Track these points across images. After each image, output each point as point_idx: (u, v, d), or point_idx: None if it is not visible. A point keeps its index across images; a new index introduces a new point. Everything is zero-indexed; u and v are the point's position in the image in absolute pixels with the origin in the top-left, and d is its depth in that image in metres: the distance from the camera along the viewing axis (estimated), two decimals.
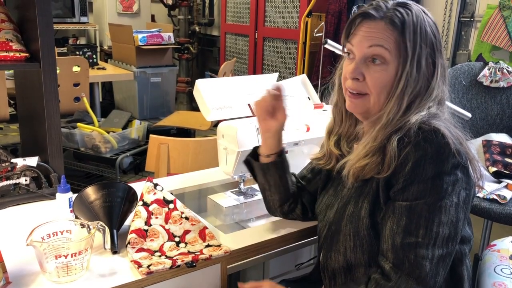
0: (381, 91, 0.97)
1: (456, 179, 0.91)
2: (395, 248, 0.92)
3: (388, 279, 0.92)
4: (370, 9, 0.98)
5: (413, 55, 0.95)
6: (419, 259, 0.90)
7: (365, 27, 0.98)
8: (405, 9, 0.97)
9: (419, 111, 0.95)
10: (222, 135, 1.37)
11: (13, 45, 1.52)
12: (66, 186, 1.21)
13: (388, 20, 0.96)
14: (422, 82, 0.97)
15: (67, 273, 0.96)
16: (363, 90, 0.99)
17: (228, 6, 4.74)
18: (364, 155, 0.97)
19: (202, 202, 1.53)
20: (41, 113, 1.53)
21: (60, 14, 4.91)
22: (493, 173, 1.79)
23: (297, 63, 3.78)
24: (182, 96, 5.29)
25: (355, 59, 0.99)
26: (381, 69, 0.96)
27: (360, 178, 0.99)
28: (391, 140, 0.93)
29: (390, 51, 0.95)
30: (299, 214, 1.25)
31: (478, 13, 3.23)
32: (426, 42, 0.96)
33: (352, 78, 0.99)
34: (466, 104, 2.11)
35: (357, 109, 1.03)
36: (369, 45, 0.97)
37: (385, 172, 0.93)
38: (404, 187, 0.92)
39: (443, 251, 0.91)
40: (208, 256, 1.08)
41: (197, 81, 1.39)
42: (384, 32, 0.96)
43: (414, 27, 0.95)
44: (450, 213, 0.90)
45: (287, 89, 1.52)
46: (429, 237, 0.90)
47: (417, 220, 0.90)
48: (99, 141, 3.04)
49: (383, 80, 0.97)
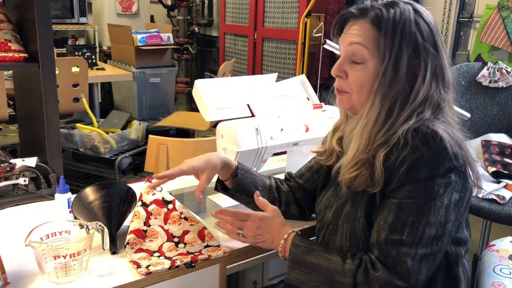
0: (360, 89, 0.98)
1: (449, 182, 0.91)
2: (379, 244, 0.93)
3: (374, 267, 0.92)
4: (355, 8, 1.00)
5: (390, 54, 0.94)
6: (401, 256, 0.90)
7: (348, 26, 1.00)
8: (390, 7, 0.96)
9: (406, 119, 0.93)
10: (221, 136, 1.37)
11: (12, 46, 1.52)
12: (65, 186, 1.21)
13: (369, 18, 0.96)
14: (401, 83, 0.94)
15: (66, 273, 0.96)
16: (345, 88, 1.01)
17: (227, 6, 4.74)
18: (353, 164, 0.97)
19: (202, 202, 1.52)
20: (40, 113, 1.53)
21: (59, 14, 4.91)
22: (492, 173, 1.79)
23: (296, 63, 3.78)
24: (181, 96, 5.29)
25: (341, 57, 1.02)
26: (361, 67, 0.97)
27: (353, 189, 0.99)
28: (377, 155, 0.94)
29: (368, 49, 0.96)
30: (295, 214, 1.25)
31: (477, 13, 3.23)
32: (407, 42, 0.94)
33: (335, 75, 1.02)
34: (465, 104, 2.11)
35: (343, 105, 1.05)
36: (349, 43, 0.98)
37: (376, 187, 0.94)
38: (397, 187, 0.93)
39: (427, 250, 0.91)
40: (207, 256, 1.07)
41: (196, 81, 1.39)
42: (363, 30, 0.97)
43: (393, 25, 0.94)
44: (439, 214, 0.91)
45: (286, 89, 1.53)
46: (413, 236, 0.90)
47: (404, 218, 0.91)
48: (98, 142, 3.03)
49: (362, 78, 0.97)
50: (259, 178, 1.23)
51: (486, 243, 1.97)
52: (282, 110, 1.46)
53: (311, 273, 0.97)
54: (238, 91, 1.43)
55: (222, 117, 1.38)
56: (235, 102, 1.41)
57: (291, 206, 1.25)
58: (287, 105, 1.49)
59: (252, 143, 1.32)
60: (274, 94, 1.49)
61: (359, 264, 0.94)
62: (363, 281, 0.92)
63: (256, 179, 1.21)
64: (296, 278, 0.99)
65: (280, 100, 1.50)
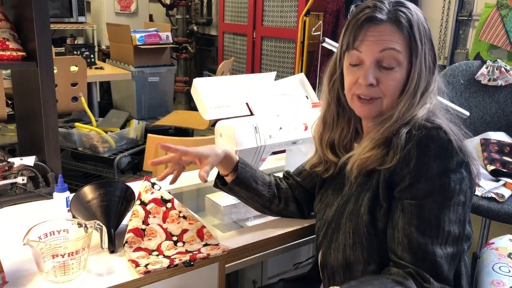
0: (394, 92, 0.98)
1: (462, 177, 0.91)
2: (412, 249, 0.90)
3: (428, 281, 0.88)
4: (372, 13, 0.96)
5: (422, 52, 0.97)
6: (438, 259, 0.89)
7: (372, 31, 0.97)
8: (405, 8, 0.98)
9: (424, 103, 0.97)
10: (220, 134, 1.36)
11: (10, 44, 1.52)
12: (63, 185, 1.21)
13: (394, 21, 0.96)
14: (428, 76, 0.99)
15: (64, 272, 0.95)
16: (377, 95, 0.99)
17: (226, 5, 4.73)
18: (371, 148, 0.97)
19: (200, 201, 1.52)
20: (38, 112, 1.53)
21: (58, 14, 4.90)
22: (491, 172, 1.79)
23: (295, 62, 3.77)
24: (180, 95, 5.29)
25: (365, 65, 0.98)
26: (395, 71, 0.97)
27: (363, 170, 0.98)
28: (400, 133, 0.93)
29: (401, 52, 0.96)
30: (294, 212, 1.25)
31: (476, 12, 3.23)
32: (427, 37, 0.99)
33: (367, 84, 0.98)
34: (464, 103, 2.11)
35: (371, 114, 1.02)
36: (381, 50, 0.96)
37: (388, 163, 0.93)
38: (410, 185, 0.91)
39: (454, 250, 0.91)
40: (206, 255, 1.07)
41: (195, 80, 1.39)
42: (393, 34, 0.96)
43: (418, 25, 0.97)
44: (458, 212, 0.90)
45: (285, 88, 1.52)
46: (442, 236, 0.89)
47: (428, 219, 0.90)
48: (97, 141, 3.03)
49: (397, 82, 0.97)
50: (259, 173, 1.23)
51: (485, 241, 1.97)
52: (281, 108, 1.45)
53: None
54: (237, 90, 1.43)
55: (221, 116, 1.38)
56: (233, 100, 1.40)
57: (290, 203, 1.25)
58: (286, 103, 1.49)
59: (251, 141, 1.32)
60: (273, 92, 1.49)
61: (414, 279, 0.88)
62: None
63: (256, 174, 1.21)
64: None
65: (279, 99, 1.49)
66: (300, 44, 3.66)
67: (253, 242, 1.16)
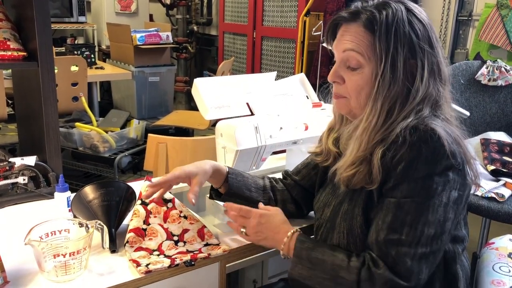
0: (358, 94, 0.98)
1: (447, 180, 0.91)
2: (378, 244, 0.93)
3: (377, 265, 0.91)
4: (345, 12, 0.98)
5: (386, 56, 0.93)
6: (401, 256, 0.90)
7: (342, 31, 0.99)
8: (382, 9, 0.95)
9: (404, 117, 0.93)
10: (220, 134, 1.37)
11: (11, 44, 1.52)
12: (64, 185, 1.21)
13: (362, 22, 0.96)
14: (399, 84, 0.94)
15: (66, 272, 0.96)
16: (343, 93, 1.01)
17: (226, 5, 4.73)
18: (351, 163, 0.97)
19: (201, 201, 1.52)
20: (39, 112, 1.53)
21: (58, 13, 4.90)
22: (491, 172, 1.79)
23: (295, 62, 3.78)
24: (180, 95, 5.29)
25: (336, 62, 1.01)
26: (357, 73, 0.97)
27: (350, 187, 0.99)
28: (375, 152, 0.93)
29: (362, 54, 0.95)
30: (293, 212, 1.25)
31: (476, 12, 3.23)
32: (402, 42, 0.93)
33: (331, 81, 1.02)
34: (464, 103, 2.11)
35: (341, 110, 1.04)
36: (343, 50, 0.98)
37: (375, 184, 0.94)
38: (395, 185, 0.92)
39: (427, 249, 0.91)
40: (206, 255, 1.08)
41: (196, 80, 1.39)
42: (357, 35, 0.96)
43: (387, 27, 0.93)
44: (438, 212, 0.90)
45: (285, 88, 1.52)
46: (412, 236, 0.90)
47: (403, 218, 0.91)
48: (98, 141, 3.03)
49: (359, 83, 0.97)
50: (252, 179, 1.23)
51: (485, 241, 1.97)
52: (282, 108, 1.46)
53: (315, 268, 0.97)
54: (237, 90, 1.43)
55: (221, 116, 1.38)
56: (234, 100, 1.41)
57: (288, 204, 1.25)
58: (286, 103, 1.49)
59: (252, 141, 1.32)
60: (273, 92, 1.49)
61: (363, 261, 0.94)
62: (367, 278, 0.91)
63: (248, 181, 1.21)
64: (300, 274, 0.99)
65: (279, 99, 1.49)
66: (300, 44, 3.66)
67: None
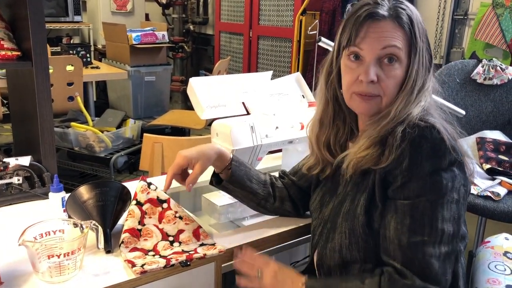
0: (393, 90, 0.98)
1: (454, 175, 0.91)
2: (402, 249, 0.91)
3: (403, 276, 0.89)
4: (373, 9, 0.96)
5: (420, 50, 0.97)
6: (428, 258, 0.89)
7: (373, 28, 0.96)
8: (404, 5, 0.98)
9: (419, 101, 0.97)
10: (216, 134, 1.36)
11: (5, 44, 1.51)
12: (59, 185, 1.20)
13: (395, 17, 0.96)
14: (425, 75, 0.99)
15: (60, 273, 0.95)
16: (377, 92, 0.98)
17: (222, 4, 4.73)
18: (367, 146, 0.96)
19: (197, 201, 1.52)
20: (33, 112, 1.52)
21: (54, 13, 4.89)
22: (487, 170, 1.80)
23: (292, 61, 3.78)
24: (176, 95, 5.28)
25: (366, 62, 0.97)
26: (395, 68, 0.97)
27: (359, 169, 0.98)
28: (395, 131, 0.93)
29: (402, 49, 0.96)
30: (290, 211, 1.25)
31: (471, 11, 3.24)
32: (424, 35, 0.99)
33: (369, 81, 0.97)
34: (460, 102, 2.11)
35: (371, 111, 1.01)
36: (383, 47, 0.96)
37: (383, 163, 0.93)
38: (402, 184, 0.91)
39: (449, 248, 0.90)
40: (202, 255, 1.07)
41: (191, 79, 1.39)
42: (394, 31, 0.96)
43: (417, 22, 0.97)
44: (452, 209, 0.90)
45: (281, 87, 1.52)
46: (434, 235, 0.89)
47: (421, 218, 0.90)
48: (93, 141, 3.02)
49: (397, 79, 0.97)
50: (254, 172, 1.23)
51: (481, 240, 1.97)
52: (277, 108, 1.45)
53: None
54: (233, 89, 1.43)
55: (217, 115, 1.38)
56: (230, 100, 1.40)
57: (285, 202, 1.25)
58: (282, 103, 1.49)
59: (247, 141, 1.32)
60: (269, 92, 1.49)
61: (381, 274, 0.92)
62: None
63: (250, 173, 1.21)
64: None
65: (275, 98, 1.49)
66: (296, 43, 3.66)
67: (249, 242, 1.16)
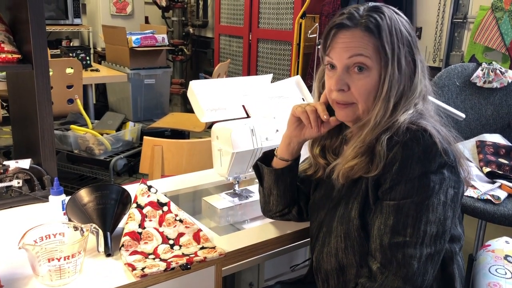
0: (367, 97, 0.98)
1: (443, 178, 0.91)
2: (383, 248, 0.93)
3: (374, 280, 0.92)
4: (343, 19, 0.98)
5: (393, 57, 0.96)
6: (407, 258, 0.90)
7: (341, 38, 0.98)
8: (377, 13, 0.97)
9: (406, 109, 0.97)
10: (216, 137, 1.36)
11: (5, 47, 1.51)
12: (59, 188, 1.20)
13: (363, 27, 0.96)
14: (405, 81, 0.98)
15: (60, 276, 0.95)
16: (350, 100, 1.00)
17: (222, 7, 4.73)
18: (353, 156, 0.97)
19: (197, 204, 1.52)
20: (33, 115, 1.52)
21: (53, 16, 4.89)
22: (487, 174, 1.80)
23: (291, 64, 3.78)
24: (176, 97, 5.28)
25: (337, 71, 0.99)
26: (364, 76, 0.97)
27: (349, 178, 0.99)
28: (380, 140, 0.94)
29: (370, 57, 0.96)
30: (294, 215, 1.25)
31: (471, 14, 3.24)
32: (403, 41, 0.97)
33: (338, 89, 0.99)
34: (460, 105, 2.11)
35: (348, 118, 1.03)
36: (349, 56, 0.97)
37: (374, 171, 0.94)
38: (391, 187, 0.93)
39: (431, 250, 0.91)
40: (202, 258, 1.07)
41: (191, 82, 1.39)
42: (361, 40, 0.96)
43: (389, 29, 0.96)
44: (437, 211, 0.91)
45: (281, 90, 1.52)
46: (416, 236, 0.90)
47: (405, 219, 0.91)
48: (93, 143, 3.02)
49: (368, 86, 0.97)
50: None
51: (481, 243, 1.97)
52: (277, 111, 1.45)
53: None
54: (233, 92, 1.43)
55: (217, 118, 1.38)
56: (230, 103, 1.40)
57: (295, 207, 1.24)
58: (282, 106, 1.49)
59: (248, 144, 1.32)
60: (269, 95, 1.49)
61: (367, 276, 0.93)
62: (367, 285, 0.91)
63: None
64: None
65: (275, 101, 1.49)
66: (296, 46, 3.66)
67: (249, 245, 1.16)
